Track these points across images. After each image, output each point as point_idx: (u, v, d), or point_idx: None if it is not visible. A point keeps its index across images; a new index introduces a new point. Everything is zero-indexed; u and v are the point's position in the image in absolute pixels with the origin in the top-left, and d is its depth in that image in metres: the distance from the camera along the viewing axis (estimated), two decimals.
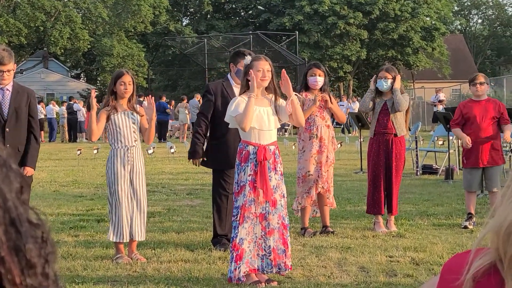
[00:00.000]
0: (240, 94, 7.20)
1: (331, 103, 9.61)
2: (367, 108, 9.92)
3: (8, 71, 7.73)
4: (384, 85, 9.81)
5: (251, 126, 6.97)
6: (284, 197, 7.16)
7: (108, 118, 8.05)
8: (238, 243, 6.92)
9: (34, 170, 8.01)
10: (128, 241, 8.07)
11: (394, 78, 9.87)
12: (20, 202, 0.88)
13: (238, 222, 6.94)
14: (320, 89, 9.67)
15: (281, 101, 7.19)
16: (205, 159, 8.70)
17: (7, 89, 7.83)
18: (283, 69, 7.33)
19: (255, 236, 6.98)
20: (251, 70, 7.02)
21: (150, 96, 8.57)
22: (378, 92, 9.92)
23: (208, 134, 8.83)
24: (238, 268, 6.91)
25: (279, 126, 7.39)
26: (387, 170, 9.78)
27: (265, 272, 7.01)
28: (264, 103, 7.10)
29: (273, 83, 7.16)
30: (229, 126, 7.37)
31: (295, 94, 7.27)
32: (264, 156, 6.93)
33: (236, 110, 7.00)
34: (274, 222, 7.00)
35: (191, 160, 8.87)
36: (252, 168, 6.95)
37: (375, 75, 10.08)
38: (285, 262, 7.06)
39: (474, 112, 9.98)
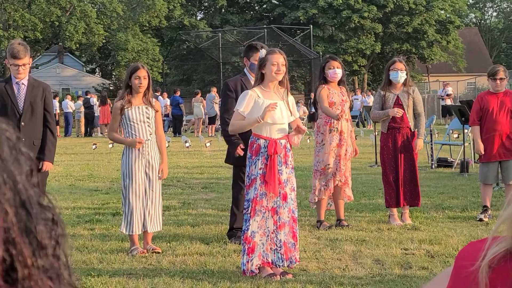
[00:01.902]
0: (253, 87, 7.20)
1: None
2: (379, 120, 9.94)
3: (24, 65, 7.75)
4: (401, 76, 9.76)
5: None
6: (294, 190, 7.15)
7: (121, 111, 8.04)
8: (249, 236, 6.92)
9: (52, 164, 8.04)
10: (139, 233, 8.10)
11: (406, 69, 9.86)
12: (30, 185, 0.88)
13: (249, 215, 6.94)
14: (339, 83, 9.64)
15: (291, 99, 7.22)
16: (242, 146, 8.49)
17: (23, 83, 7.86)
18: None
19: (267, 230, 6.97)
20: (270, 105, 6.91)
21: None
22: (389, 85, 9.87)
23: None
24: (251, 261, 6.91)
25: (292, 121, 7.35)
26: (409, 163, 9.78)
27: (277, 266, 7.00)
28: (278, 97, 7.10)
29: (286, 77, 7.15)
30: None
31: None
32: (275, 149, 6.92)
33: (240, 105, 7.04)
34: (285, 216, 6.99)
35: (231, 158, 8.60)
36: (263, 161, 6.95)
37: (392, 110, 9.82)
38: (294, 255, 7.07)
39: (491, 105, 9.92)
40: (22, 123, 7.74)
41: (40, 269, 0.86)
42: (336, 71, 9.52)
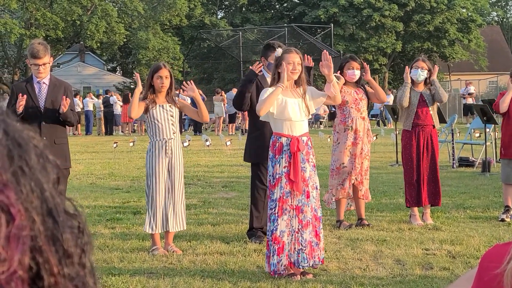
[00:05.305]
0: (270, 85, 7.20)
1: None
2: (407, 102, 9.72)
3: (44, 64, 7.78)
4: (421, 74, 9.72)
5: (282, 118, 6.97)
6: (316, 188, 7.13)
7: (146, 111, 8.08)
8: (279, 236, 6.90)
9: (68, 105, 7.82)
10: (161, 232, 8.12)
11: (429, 70, 9.80)
12: (57, 193, 0.89)
13: (276, 215, 6.91)
14: (357, 82, 9.66)
15: (311, 89, 7.23)
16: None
17: (44, 83, 7.88)
18: (325, 50, 7.37)
19: (292, 229, 6.95)
20: (283, 62, 7.00)
21: (190, 81, 8.58)
22: (411, 83, 9.82)
23: (247, 127, 8.87)
24: (280, 261, 6.89)
25: (310, 117, 7.39)
26: (431, 162, 9.72)
27: (301, 267, 6.97)
28: (295, 95, 7.10)
29: (301, 76, 7.14)
30: (260, 118, 7.35)
31: (335, 75, 7.29)
32: (297, 147, 6.92)
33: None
34: (309, 215, 6.98)
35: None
36: (287, 159, 6.94)
37: (408, 67, 9.93)
38: (318, 254, 7.04)
39: None
40: (43, 122, 7.77)
41: (66, 278, 0.87)
42: (355, 72, 9.55)
